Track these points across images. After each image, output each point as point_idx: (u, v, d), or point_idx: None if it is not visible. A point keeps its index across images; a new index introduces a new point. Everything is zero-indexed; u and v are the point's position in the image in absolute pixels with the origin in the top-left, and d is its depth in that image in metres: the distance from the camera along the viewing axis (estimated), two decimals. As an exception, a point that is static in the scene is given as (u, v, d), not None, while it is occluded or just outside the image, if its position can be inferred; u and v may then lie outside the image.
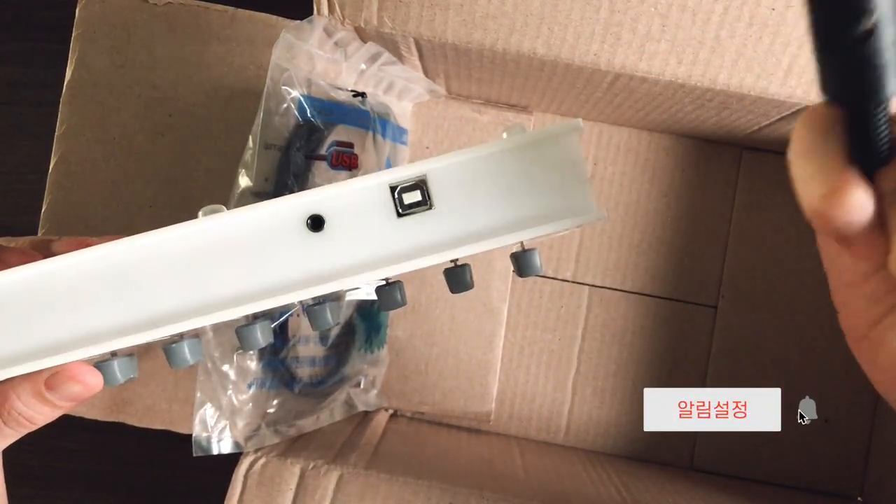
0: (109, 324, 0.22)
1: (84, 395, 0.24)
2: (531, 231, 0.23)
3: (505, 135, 0.23)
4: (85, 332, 0.22)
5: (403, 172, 0.23)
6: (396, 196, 0.23)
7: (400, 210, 0.23)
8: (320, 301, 0.24)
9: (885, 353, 0.20)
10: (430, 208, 0.23)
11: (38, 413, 0.24)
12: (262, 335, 0.24)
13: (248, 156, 0.39)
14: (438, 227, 0.23)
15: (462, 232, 0.23)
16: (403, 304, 0.24)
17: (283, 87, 0.38)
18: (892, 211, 0.17)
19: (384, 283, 0.24)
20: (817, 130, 0.17)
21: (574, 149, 0.23)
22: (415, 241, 0.22)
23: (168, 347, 0.23)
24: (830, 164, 0.17)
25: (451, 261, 0.24)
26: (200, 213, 0.23)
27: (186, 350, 0.23)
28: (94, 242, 0.24)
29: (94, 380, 0.23)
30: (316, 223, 0.22)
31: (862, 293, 0.21)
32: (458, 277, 0.24)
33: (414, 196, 0.22)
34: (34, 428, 0.25)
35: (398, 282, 0.24)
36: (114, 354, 0.23)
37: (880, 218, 0.17)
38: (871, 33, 0.14)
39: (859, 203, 0.16)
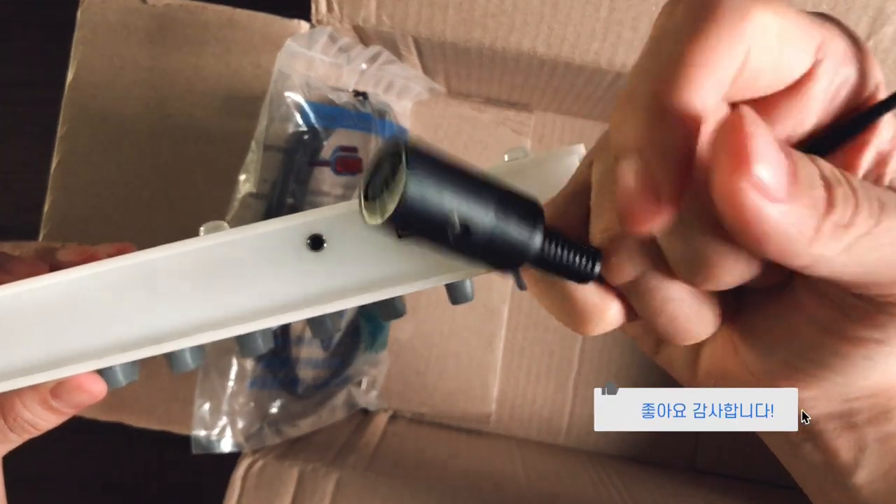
0: (112, 339, 0.22)
1: (89, 402, 0.24)
2: None
3: (506, 157, 0.23)
4: (89, 346, 0.22)
5: None
6: None
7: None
8: None
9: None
10: None
11: (43, 420, 0.25)
12: (262, 341, 0.24)
13: (250, 160, 0.38)
14: None
15: None
16: (403, 313, 0.24)
17: (286, 93, 0.38)
18: (632, 297, 0.19)
19: None
20: (539, 287, 0.20)
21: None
22: (416, 263, 0.22)
23: (170, 352, 0.23)
24: (569, 303, 0.19)
25: None
26: (202, 229, 0.22)
27: (188, 355, 0.23)
28: (98, 253, 0.24)
29: (99, 388, 0.24)
30: (315, 243, 0.22)
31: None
32: (458, 289, 0.23)
33: None
34: (38, 433, 0.26)
35: None
36: None
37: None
38: (466, 230, 0.16)
39: (607, 319, 0.19)
